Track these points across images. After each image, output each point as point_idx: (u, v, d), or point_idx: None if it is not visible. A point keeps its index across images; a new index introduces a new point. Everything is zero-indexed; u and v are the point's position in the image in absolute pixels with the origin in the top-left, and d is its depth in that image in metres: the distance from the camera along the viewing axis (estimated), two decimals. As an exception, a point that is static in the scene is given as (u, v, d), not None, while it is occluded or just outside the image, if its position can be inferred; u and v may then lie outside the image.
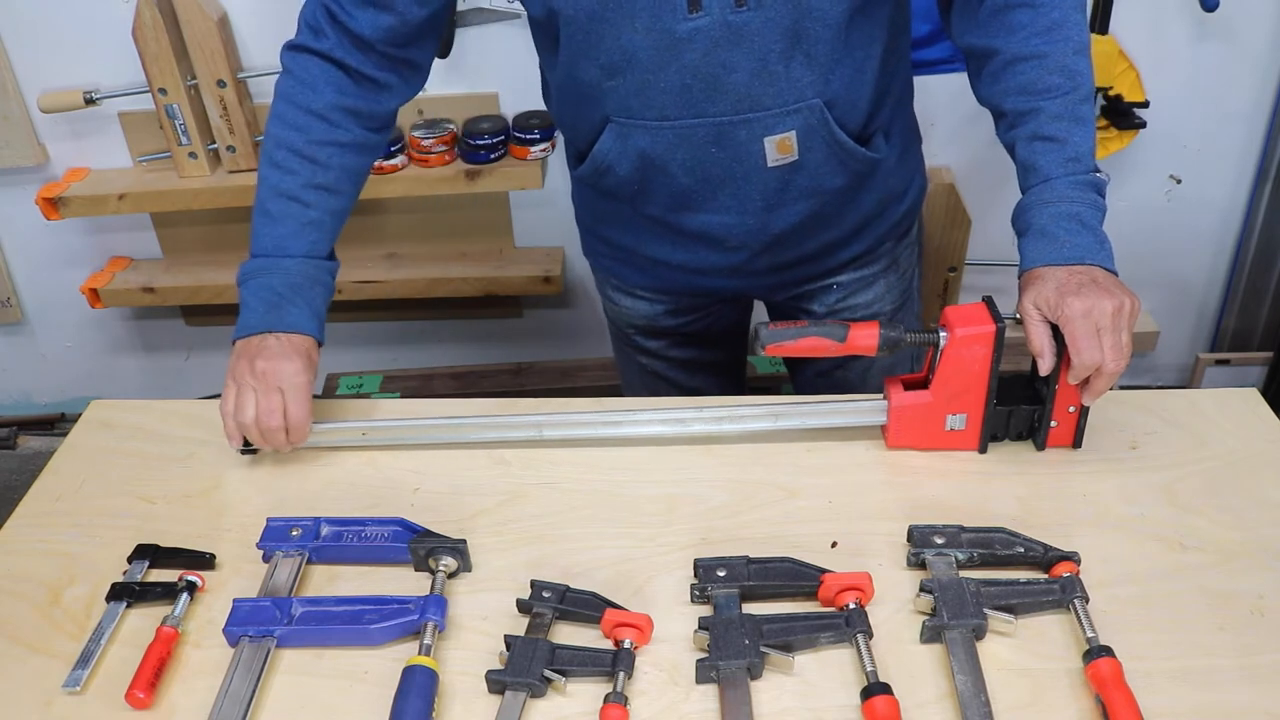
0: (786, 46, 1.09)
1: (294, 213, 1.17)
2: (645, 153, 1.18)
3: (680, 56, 1.09)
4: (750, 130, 1.14)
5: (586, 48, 1.12)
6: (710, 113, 1.13)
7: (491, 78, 2.14)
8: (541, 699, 0.89)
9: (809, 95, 1.13)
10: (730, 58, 1.09)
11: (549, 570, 1.01)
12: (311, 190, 1.18)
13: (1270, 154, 2.24)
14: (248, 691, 0.89)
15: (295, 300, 1.16)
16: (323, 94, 1.17)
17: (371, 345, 2.58)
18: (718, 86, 1.11)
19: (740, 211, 1.23)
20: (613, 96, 1.15)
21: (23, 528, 1.11)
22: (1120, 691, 0.85)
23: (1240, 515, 1.06)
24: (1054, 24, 1.09)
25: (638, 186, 1.24)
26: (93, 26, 2.08)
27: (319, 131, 1.18)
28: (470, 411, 1.24)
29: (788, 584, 0.98)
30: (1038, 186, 1.10)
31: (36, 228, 2.32)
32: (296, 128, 1.18)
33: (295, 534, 1.03)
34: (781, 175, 1.19)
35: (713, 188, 1.21)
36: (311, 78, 1.18)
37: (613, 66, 1.12)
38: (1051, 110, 1.09)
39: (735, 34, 1.08)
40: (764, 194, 1.21)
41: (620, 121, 1.17)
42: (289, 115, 1.18)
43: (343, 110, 1.18)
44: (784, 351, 1.10)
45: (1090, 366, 1.03)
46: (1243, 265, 2.38)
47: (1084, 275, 1.04)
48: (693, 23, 1.07)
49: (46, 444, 2.62)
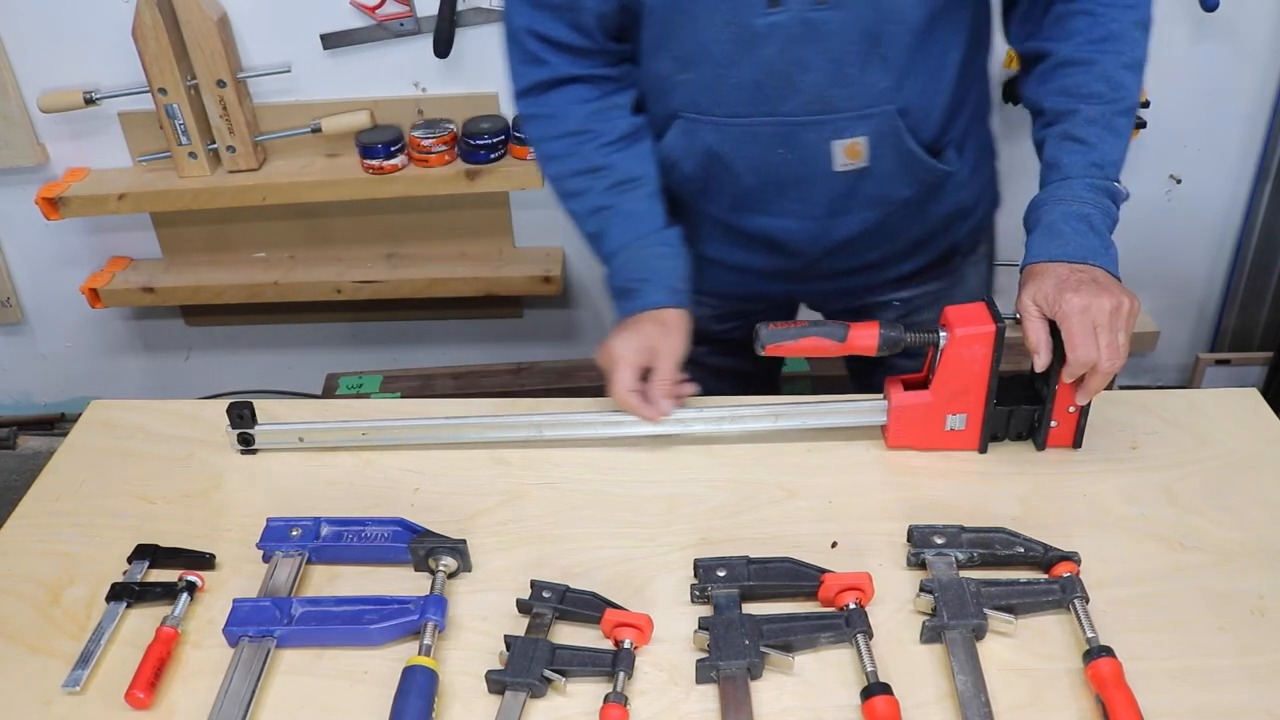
0: (864, 48, 1.08)
1: (606, 218, 1.20)
2: (712, 150, 1.17)
3: (755, 52, 1.08)
4: (820, 132, 1.13)
5: (663, 38, 1.12)
6: (781, 112, 1.12)
7: (491, 78, 2.14)
8: (541, 699, 0.89)
9: (882, 101, 1.12)
10: (805, 56, 1.08)
11: (549, 570, 1.01)
12: (609, 193, 1.20)
13: (1270, 154, 2.25)
14: (248, 691, 0.89)
15: (637, 286, 1.18)
16: (572, 113, 1.20)
17: (371, 345, 2.58)
18: (790, 85, 1.10)
19: (803, 216, 1.22)
20: (684, 90, 1.15)
21: (23, 528, 1.11)
22: (1120, 691, 0.85)
23: (1240, 515, 1.06)
24: (1110, 35, 1.09)
25: (701, 185, 1.23)
26: (93, 26, 2.08)
27: (587, 145, 1.20)
28: (470, 411, 1.24)
29: (788, 584, 0.98)
30: (1055, 184, 1.10)
31: (36, 228, 2.32)
32: (568, 154, 1.21)
33: (295, 534, 1.03)
34: (848, 181, 1.18)
35: (777, 190, 1.20)
36: (554, 107, 1.20)
37: (686, 59, 1.12)
38: (1087, 114, 1.09)
39: (813, 32, 1.07)
40: (829, 199, 1.20)
41: (689, 117, 1.16)
42: (555, 149, 1.21)
43: (595, 115, 1.20)
44: (784, 351, 1.10)
45: (1085, 364, 1.02)
46: (1243, 265, 2.38)
47: (1085, 274, 1.04)
48: (771, 18, 1.06)
49: (46, 444, 2.62)
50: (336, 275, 2.30)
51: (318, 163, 2.21)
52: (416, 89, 2.16)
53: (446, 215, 2.32)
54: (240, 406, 1.17)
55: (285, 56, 2.13)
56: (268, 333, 2.56)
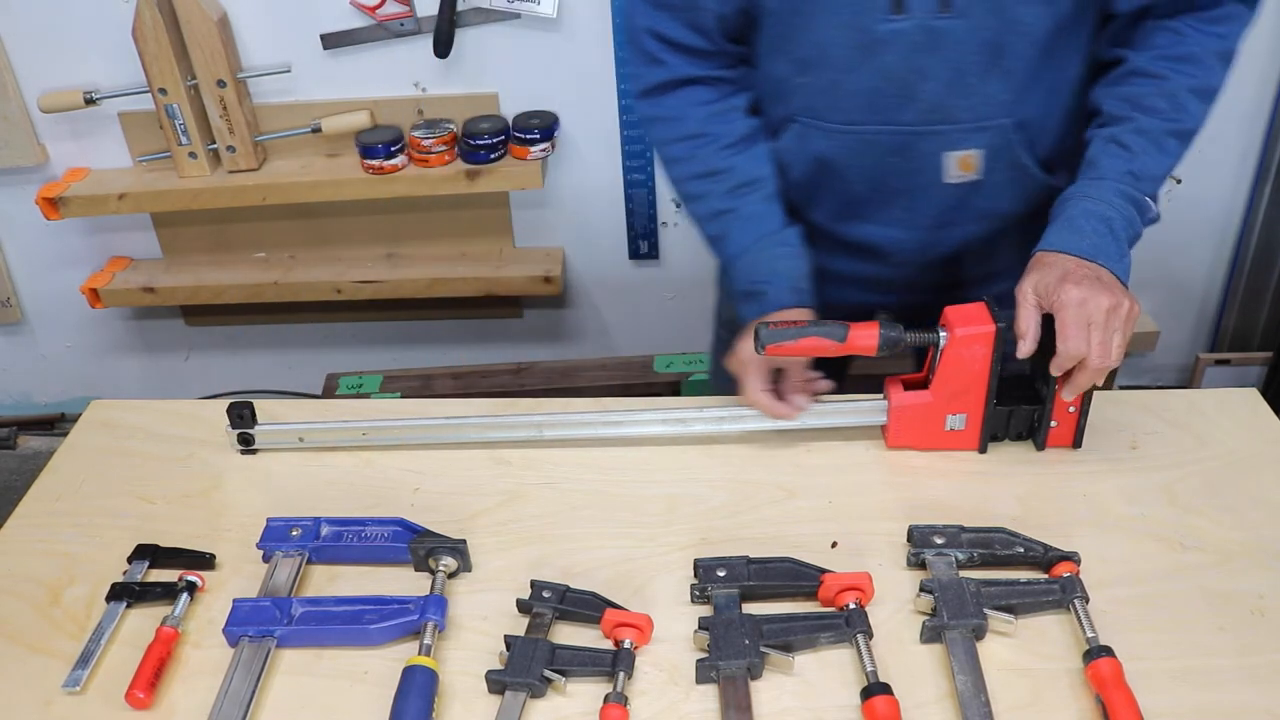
0: (985, 59, 1.07)
1: (728, 221, 1.20)
2: (823, 157, 1.17)
3: (875, 58, 1.07)
4: (935, 143, 1.12)
5: (783, 41, 1.12)
6: (897, 120, 1.11)
7: (491, 78, 2.14)
8: (541, 699, 0.89)
9: (1000, 114, 1.11)
10: (926, 64, 1.07)
11: (549, 570, 1.01)
12: (729, 196, 1.19)
13: (1270, 154, 2.24)
14: (248, 691, 0.89)
15: (763, 288, 1.17)
16: (691, 116, 1.19)
17: (371, 345, 2.58)
18: (909, 93, 1.09)
19: (909, 226, 1.21)
20: (801, 94, 1.14)
21: (23, 528, 1.11)
22: (1120, 691, 0.85)
23: (1240, 515, 1.06)
24: (1188, 56, 1.08)
25: (809, 191, 1.22)
26: (93, 26, 2.08)
27: (706, 148, 1.19)
28: (470, 411, 1.24)
29: (788, 584, 0.98)
30: (1087, 181, 1.09)
31: (36, 228, 2.32)
32: (687, 158, 1.20)
33: (295, 534, 1.03)
34: (958, 194, 1.17)
35: (886, 199, 1.19)
36: (673, 110, 1.20)
37: (806, 62, 1.11)
38: (1140, 125, 1.08)
39: (935, 40, 1.06)
40: (937, 211, 1.19)
41: (804, 122, 1.16)
42: (675, 152, 1.21)
43: (714, 117, 1.19)
44: (784, 351, 1.09)
45: (1074, 357, 1.02)
46: (1243, 265, 2.38)
47: (1090, 270, 1.04)
48: (894, 24, 1.05)
49: (46, 444, 2.62)
50: (336, 275, 2.30)
51: (318, 163, 2.21)
52: (416, 89, 2.16)
53: (446, 215, 2.32)
54: (240, 406, 1.17)
55: (285, 56, 2.13)
56: (268, 333, 2.56)
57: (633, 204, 2.30)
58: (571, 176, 2.27)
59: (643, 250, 2.37)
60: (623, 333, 2.52)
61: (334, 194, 2.16)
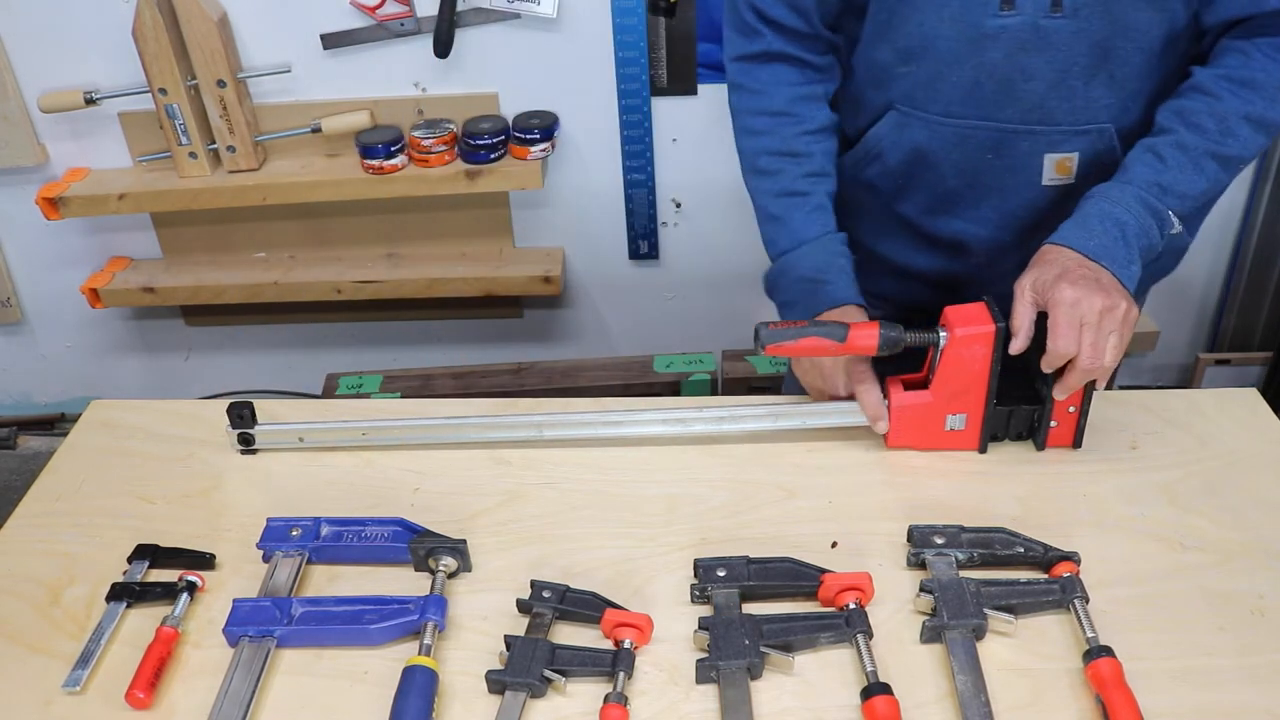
0: (1092, 62, 1.06)
1: (797, 204, 1.20)
2: (920, 147, 1.16)
3: (981, 53, 1.07)
4: (1034, 143, 1.12)
5: (888, 29, 1.11)
6: (996, 117, 1.11)
7: (491, 78, 2.14)
8: (541, 699, 0.89)
9: (1102, 118, 1.10)
10: (1031, 64, 1.06)
11: (549, 570, 1.01)
12: (805, 180, 1.20)
13: (1270, 154, 2.24)
14: (248, 691, 0.89)
15: (827, 278, 1.18)
16: (778, 93, 1.20)
17: (371, 345, 2.58)
18: (1011, 91, 1.09)
19: (999, 225, 1.21)
20: (902, 83, 1.14)
21: (23, 528, 1.11)
22: (1120, 691, 0.85)
23: (1240, 515, 1.06)
24: (1250, 80, 1.06)
25: (903, 181, 1.22)
26: (93, 26, 2.08)
27: (789, 128, 1.20)
28: (470, 411, 1.24)
29: (788, 584, 0.98)
30: (1113, 184, 1.09)
31: (36, 228, 2.32)
32: (767, 132, 1.21)
33: (295, 534, 1.03)
34: (1052, 196, 1.16)
35: (979, 195, 1.19)
36: (761, 83, 1.20)
37: (909, 52, 1.11)
38: (1182, 139, 1.07)
39: (1042, 39, 1.05)
40: (1030, 211, 1.18)
41: (903, 110, 1.15)
42: (756, 124, 1.21)
43: (800, 100, 1.20)
44: (784, 351, 1.09)
45: (1063, 355, 1.02)
46: (1243, 265, 2.38)
47: (1090, 271, 1.03)
48: (1002, 20, 1.05)
49: (46, 444, 2.62)
50: (336, 275, 2.30)
51: (318, 163, 2.21)
52: (416, 89, 2.16)
53: (446, 215, 2.32)
54: (240, 406, 1.17)
55: (285, 56, 2.13)
56: (268, 333, 2.56)
57: (633, 204, 2.30)
58: (571, 176, 2.27)
59: (643, 250, 2.37)
60: (623, 333, 2.52)
61: (334, 194, 2.16)
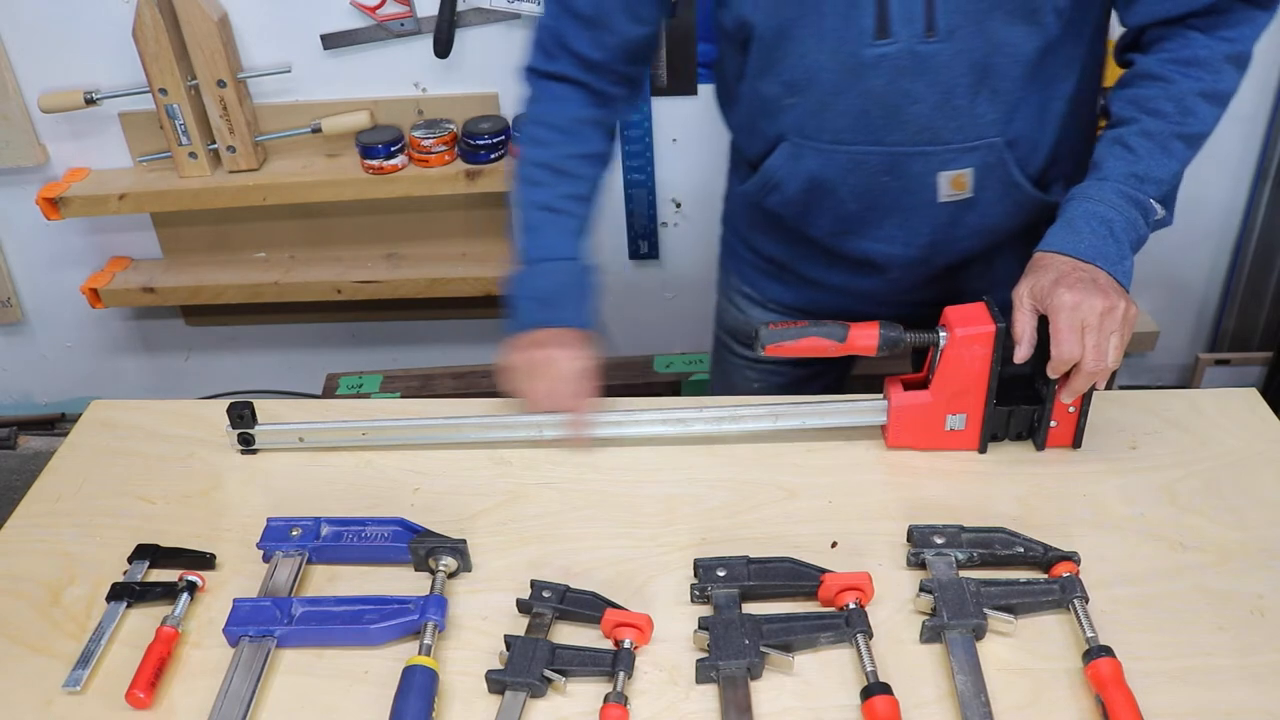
0: (973, 81, 1.07)
1: (555, 221, 1.22)
2: (815, 175, 1.17)
3: (862, 81, 1.08)
4: (926, 163, 1.13)
5: (771, 63, 1.12)
6: (887, 141, 1.12)
7: (491, 78, 2.14)
8: (541, 699, 0.89)
9: (990, 133, 1.11)
10: (914, 88, 1.07)
11: (549, 570, 1.01)
12: (567, 200, 1.23)
13: (1270, 154, 2.25)
14: (248, 691, 0.89)
15: (564, 300, 1.20)
16: (564, 111, 1.22)
17: (371, 345, 2.58)
18: (897, 116, 1.10)
19: (905, 243, 1.22)
20: (791, 114, 1.14)
21: (23, 528, 1.11)
22: (1120, 691, 0.85)
23: (1240, 515, 1.06)
24: (1195, 59, 1.08)
25: (803, 208, 1.23)
26: (93, 26, 2.08)
27: (566, 146, 1.22)
28: (470, 411, 1.24)
29: (788, 584, 0.98)
30: (1089, 182, 1.09)
31: (36, 228, 2.32)
32: (545, 144, 1.23)
33: (295, 534, 1.03)
34: (952, 211, 1.17)
35: (880, 216, 1.19)
36: (551, 96, 1.23)
37: (794, 84, 1.11)
38: (1145, 127, 1.08)
39: (921, 64, 1.06)
40: (932, 228, 1.19)
41: (795, 141, 1.16)
42: (538, 134, 1.24)
43: (583, 122, 1.22)
44: (784, 351, 1.10)
45: (1067, 360, 1.02)
46: (1243, 265, 2.38)
47: (1086, 273, 1.03)
48: (879, 49, 1.06)
49: (46, 444, 2.62)
50: (336, 275, 2.30)
51: (318, 163, 2.21)
52: (416, 89, 2.16)
53: (446, 215, 2.32)
54: (240, 406, 1.17)
55: (285, 56, 2.13)
56: (268, 333, 2.56)
57: (633, 204, 2.30)
58: (571, 176, 2.26)
59: (643, 250, 2.37)
60: (623, 333, 2.52)
61: (334, 194, 2.16)
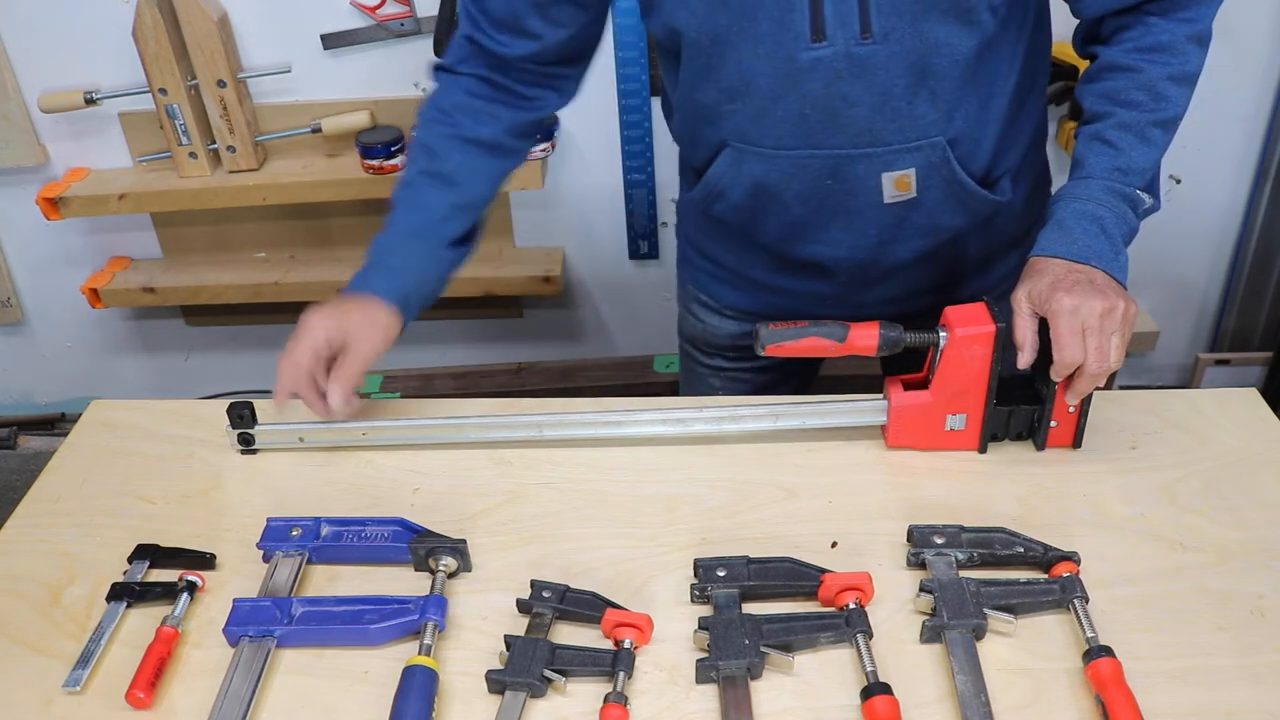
0: (911, 82, 1.07)
1: (404, 197, 1.21)
2: (759, 180, 1.17)
3: (800, 85, 1.07)
4: (869, 165, 1.12)
5: (707, 70, 1.11)
6: (828, 145, 1.11)
7: (491, 78, 2.14)
8: (541, 699, 0.89)
9: (931, 133, 1.11)
10: (852, 90, 1.07)
11: (549, 570, 1.01)
12: (424, 177, 1.20)
13: (1270, 154, 2.25)
14: (248, 691, 0.89)
15: (378, 269, 1.18)
16: (453, 93, 1.21)
17: (371, 345, 2.58)
18: (837, 119, 1.09)
19: (853, 246, 1.21)
20: (731, 121, 1.14)
21: (23, 528, 1.11)
22: (1120, 691, 0.85)
23: (1240, 515, 1.06)
24: (1159, 45, 1.08)
25: (749, 214, 1.22)
26: (93, 26, 2.09)
27: (441, 126, 1.20)
28: (470, 411, 1.24)
29: (788, 584, 0.98)
30: (1075, 181, 1.09)
31: (36, 228, 2.32)
32: (425, 123, 1.22)
33: (295, 534, 1.03)
34: (897, 212, 1.17)
35: (826, 219, 1.19)
36: (449, 87, 1.22)
37: (732, 91, 1.11)
38: (1122, 119, 1.08)
39: (858, 66, 1.05)
40: (879, 229, 1.19)
41: (737, 147, 1.15)
42: (427, 111, 1.22)
43: (466, 109, 1.20)
44: (784, 351, 1.10)
45: (1070, 364, 1.02)
46: (1243, 265, 2.38)
47: (1082, 274, 1.03)
48: (815, 52, 1.05)
49: (46, 444, 2.62)
50: (336, 275, 2.30)
51: (318, 163, 2.21)
52: (416, 89, 2.16)
53: (446, 215, 2.31)
54: (240, 406, 1.17)
55: (285, 56, 2.13)
56: (268, 333, 2.56)
57: (633, 204, 2.30)
58: (571, 176, 2.27)
59: (643, 250, 2.37)
60: (623, 333, 2.53)
61: (334, 194, 2.17)
